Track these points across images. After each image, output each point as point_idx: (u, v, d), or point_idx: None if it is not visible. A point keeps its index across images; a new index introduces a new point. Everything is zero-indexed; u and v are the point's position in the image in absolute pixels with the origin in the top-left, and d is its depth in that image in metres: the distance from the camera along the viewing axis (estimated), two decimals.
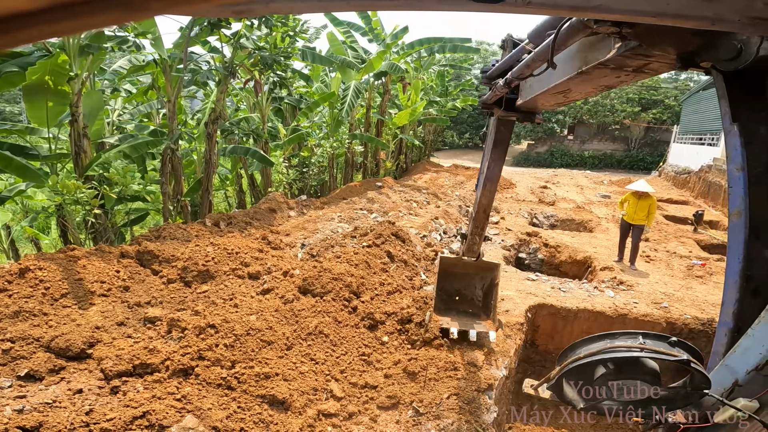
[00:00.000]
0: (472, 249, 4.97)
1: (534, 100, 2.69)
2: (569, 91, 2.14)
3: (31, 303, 4.14)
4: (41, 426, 2.93)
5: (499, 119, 3.53)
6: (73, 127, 6.84)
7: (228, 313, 4.40)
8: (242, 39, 8.89)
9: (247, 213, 8.38)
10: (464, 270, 5.66)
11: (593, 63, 1.61)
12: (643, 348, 1.84)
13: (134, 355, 3.69)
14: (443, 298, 5.63)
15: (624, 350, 1.86)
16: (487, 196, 4.12)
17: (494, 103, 3.31)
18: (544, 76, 2.12)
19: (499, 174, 3.96)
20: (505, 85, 2.57)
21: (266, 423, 3.77)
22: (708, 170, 18.92)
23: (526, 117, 3.26)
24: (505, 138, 3.71)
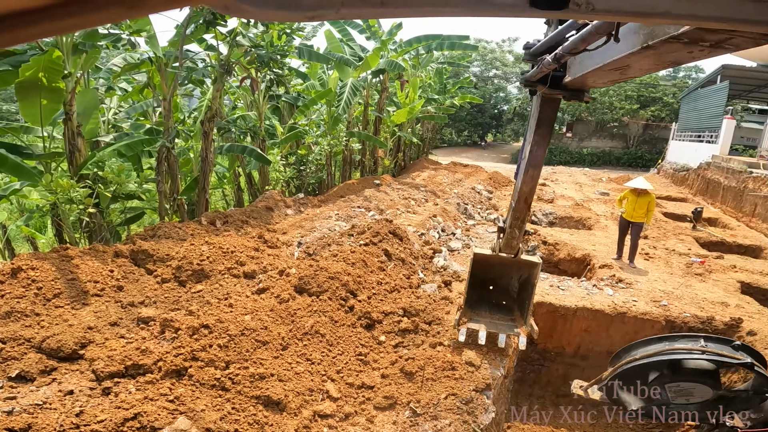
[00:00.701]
0: (511, 244, 4.51)
1: (585, 77, 2.50)
2: (628, 67, 1.98)
3: (23, 303, 4.10)
4: (30, 428, 2.88)
5: (543, 98, 3.28)
6: (67, 125, 6.78)
7: (222, 313, 4.35)
8: (238, 36, 8.82)
9: (244, 211, 8.33)
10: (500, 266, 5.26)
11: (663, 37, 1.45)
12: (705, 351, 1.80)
13: (126, 355, 3.65)
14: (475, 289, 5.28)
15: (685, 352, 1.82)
16: (529, 183, 3.76)
17: (539, 80, 3.06)
18: (598, 52, 1.97)
19: (543, 158, 3.63)
20: (553, 60, 2.39)
21: (261, 424, 3.73)
22: (707, 167, 18.89)
23: (573, 95, 3.01)
24: (550, 118, 3.43)
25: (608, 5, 0.84)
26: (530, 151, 3.59)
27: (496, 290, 5.60)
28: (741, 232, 12.48)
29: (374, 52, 12.50)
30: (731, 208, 15.61)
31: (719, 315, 6.62)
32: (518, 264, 5.01)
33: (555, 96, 3.15)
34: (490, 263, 5.11)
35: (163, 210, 8.46)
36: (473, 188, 14.80)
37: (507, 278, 5.52)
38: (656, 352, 1.90)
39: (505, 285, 5.57)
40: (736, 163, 16.86)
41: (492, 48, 42.10)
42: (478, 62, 40.80)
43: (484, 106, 39.23)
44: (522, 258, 4.79)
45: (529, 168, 3.67)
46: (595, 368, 5.84)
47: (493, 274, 5.46)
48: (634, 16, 0.90)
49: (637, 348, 2.00)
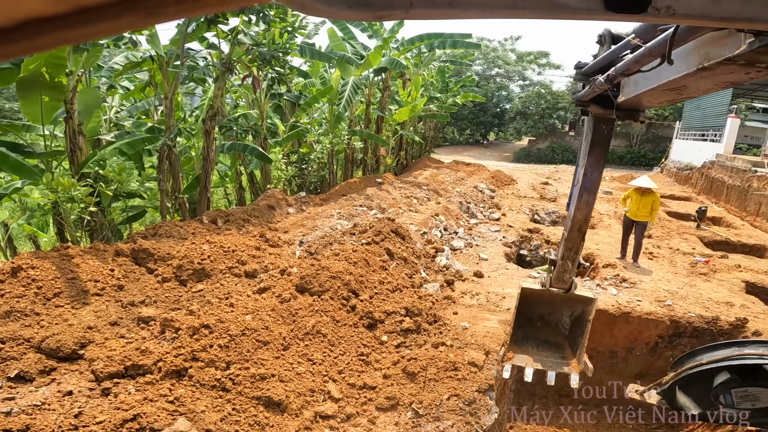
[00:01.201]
0: (563, 278, 4.13)
1: (639, 98, 2.45)
2: (684, 87, 1.95)
3: (23, 303, 4.07)
4: (28, 429, 2.85)
5: (596, 118, 3.19)
6: (68, 124, 6.75)
7: (223, 312, 4.32)
8: (240, 35, 8.79)
9: (245, 210, 8.29)
10: (550, 303, 4.84)
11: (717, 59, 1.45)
12: None
13: (126, 356, 3.61)
14: (521, 324, 4.87)
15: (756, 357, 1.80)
16: (584, 210, 3.47)
17: (591, 100, 3.01)
18: (653, 73, 1.95)
19: (599, 183, 3.40)
20: (606, 81, 2.39)
21: (262, 425, 3.69)
22: (711, 166, 18.78)
23: (628, 115, 2.94)
24: (604, 139, 3.28)
25: (690, 9, 0.81)
26: (584, 175, 3.38)
27: (544, 327, 5.12)
28: (745, 232, 12.39)
29: (376, 51, 12.45)
30: (735, 207, 15.51)
31: (724, 315, 6.56)
32: (570, 300, 4.58)
33: (608, 116, 3.07)
34: (539, 298, 4.70)
35: (165, 209, 8.44)
36: (476, 187, 14.74)
37: (557, 315, 5.03)
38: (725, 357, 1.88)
39: (554, 322, 5.09)
40: (740, 162, 16.76)
41: (494, 46, 41.97)
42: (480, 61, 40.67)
43: (486, 104, 39.13)
44: (575, 293, 4.38)
45: (584, 193, 3.42)
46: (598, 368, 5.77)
47: (541, 310, 4.99)
48: (716, 20, 0.86)
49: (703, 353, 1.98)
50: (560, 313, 4.98)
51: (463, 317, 6.03)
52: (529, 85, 41.91)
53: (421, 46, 15.13)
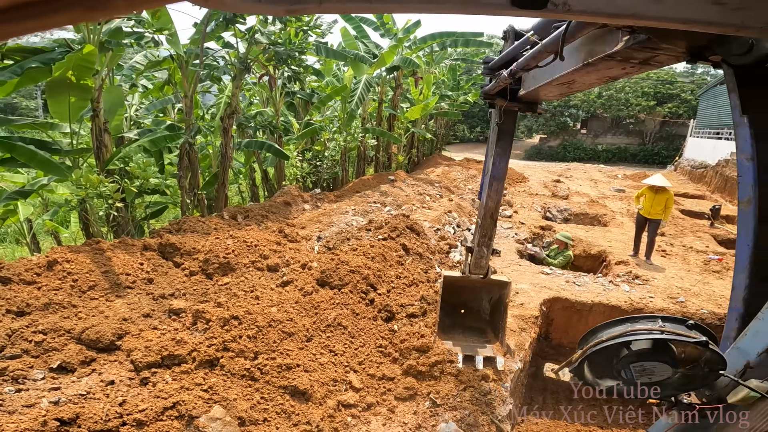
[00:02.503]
0: (480, 264, 4.39)
1: (537, 91, 2.70)
2: (573, 82, 2.15)
3: (60, 295, 4.27)
4: (78, 417, 3.02)
5: (502, 110, 3.46)
6: (94, 122, 6.97)
7: (250, 305, 4.49)
8: (257, 34, 8.95)
9: (263, 206, 8.48)
10: (471, 289, 5.13)
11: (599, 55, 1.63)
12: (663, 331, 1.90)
13: (162, 346, 3.79)
14: (448, 313, 5.18)
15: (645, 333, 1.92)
16: (494, 198, 3.76)
17: (497, 93, 3.25)
18: (548, 68, 2.14)
19: (506, 171, 3.66)
20: (509, 75, 2.58)
21: (288, 413, 3.86)
22: (725, 164, 18.65)
23: (528, 107, 3.22)
24: (510, 129, 3.53)
25: (584, 6, 0.91)
26: (493, 164, 3.63)
27: (468, 314, 5.38)
28: None
29: (390, 50, 12.55)
30: None
31: None
32: (488, 285, 4.86)
33: (512, 108, 3.31)
34: (460, 286, 4.95)
35: (185, 205, 8.65)
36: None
37: (478, 301, 5.33)
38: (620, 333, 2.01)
39: (476, 308, 5.38)
40: None
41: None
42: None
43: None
44: (492, 278, 4.66)
45: (494, 182, 3.69)
46: None
47: (463, 297, 5.27)
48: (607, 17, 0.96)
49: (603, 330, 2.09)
50: (480, 298, 5.26)
51: None
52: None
53: (433, 45, 15.19)
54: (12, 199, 6.75)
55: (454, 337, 5.08)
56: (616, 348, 1.98)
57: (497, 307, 5.14)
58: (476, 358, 4.79)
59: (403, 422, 4.17)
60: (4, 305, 3.97)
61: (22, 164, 7.04)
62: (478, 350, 4.85)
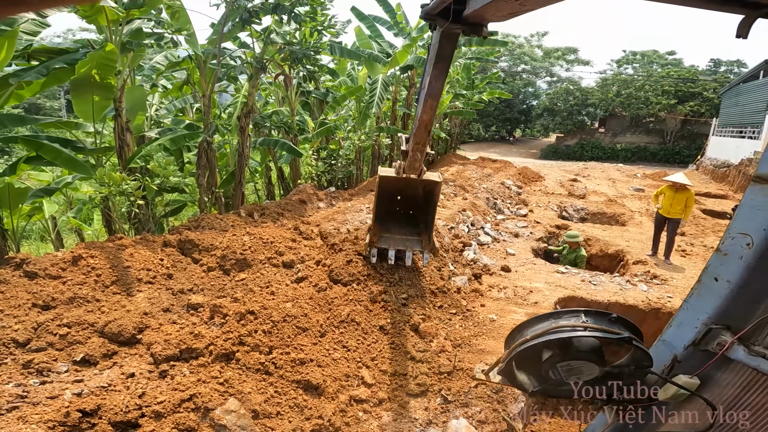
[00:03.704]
0: (414, 166, 4.86)
1: (484, 10, 2.47)
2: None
3: (85, 289, 4.41)
4: (99, 408, 3.13)
5: (442, 32, 3.25)
6: (116, 121, 7.16)
7: (265, 300, 4.58)
8: (272, 34, 9.06)
9: (279, 204, 8.59)
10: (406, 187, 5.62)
11: None
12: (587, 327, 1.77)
13: (181, 340, 3.90)
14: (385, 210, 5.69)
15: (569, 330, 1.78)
16: (428, 112, 3.99)
17: (438, 14, 3.00)
18: None
19: (441, 90, 3.84)
20: None
21: (301, 407, 3.92)
22: (748, 164, 18.21)
23: (472, 29, 2.94)
24: (448, 53, 3.46)
25: None
26: (429, 84, 3.72)
27: (403, 210, 5.95)
28: None
29: (404, 49, 12.57)
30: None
31: None
32: (422, 183, 5.36)
33: (454, 30, 3.09)
34: (397, 184, 5.44)
35: (203, 202, 8.82)
36: (502, 183, 14.71)
37: (411, 197, 5.83)
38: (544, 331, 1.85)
39: (411, 203, 5.90)
40: None
41: (520, 43, 41.36)
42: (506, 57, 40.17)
43: (512, 101, 38.65)
44: (425, 178, 5.15)
45: (428, 98, 3.85)
46: None
47: (399, 194, 5.82)
48: None
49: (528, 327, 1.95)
50: (414, 190, 5.75)
51: (490, 310, 6.16)
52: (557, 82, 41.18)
53: None
54: (38, 196, 6.98)
55: (389, 229, 5.68)
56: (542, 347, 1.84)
57: (428, 202, 5.62)
58: (406, 255, 5.43)
59: (414, 418, 4.20)
60: (31, 299, 4.12)
61: (47, 162, 7.26)
62: (408, 245, 5.48)
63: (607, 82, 36.20)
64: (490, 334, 5.51)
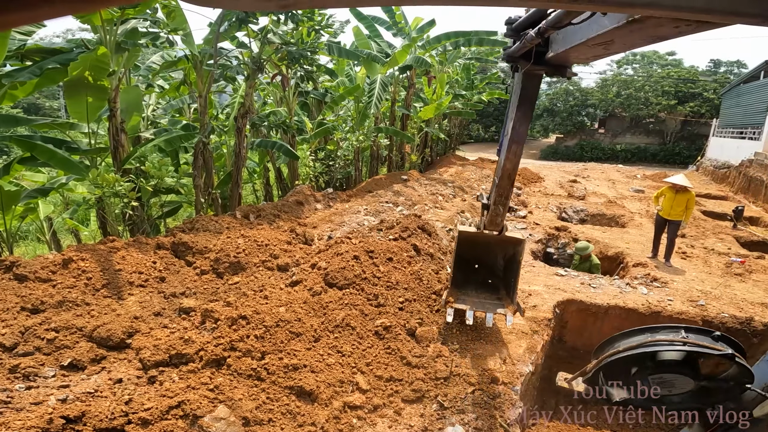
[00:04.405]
0: (495, 221, 4.49)
1: (568, 53, 2.46)
2: (612, 42, 1.93)
3: (75, 293, 4.34)
4: (84, 415, 3.06)
5: (525, 74, 3.22)
6: (111, 122, 7.09)
7: (258, 304, 4.50)
8: (269, 34, 8.99)
9: (276, 206, 8.52)
10: (485, 244, 5.18)
11: None
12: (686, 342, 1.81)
13: (171, 345, 3.83)
14: (461, 268, 5.26)
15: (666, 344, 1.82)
16: (512, 159, 3.75)
17: (521, 56, 2.99)
18: (582, 26, 1.95)
19: (525, 135, 3.64)
20: (537, 35, 2.38)
21: (293, 414, 3.85)
22: (749, 165, 18.13)
23: (556, 70, 2.94)
24: (532, 95, 3.40)
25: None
26: (513, 128, 3.57)
27: (481, 269, 5.51)
28: None
29: (403, 49, 12.50)
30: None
31: (759, 316, 6.40)
32: (503, 241, 4.94)
33: (537, 72, 3.08)
34: (475, 241, 5.06)
35: (199, 204, 8.74)
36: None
37: (492, 256, 5.45)
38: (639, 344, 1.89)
39: (490, 263, 5.49)
40: None
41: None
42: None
43: None
44: (507, 235, 4.76)
45: (512, 144, 3.66)
46: None
47: (478, 252, 5.38)
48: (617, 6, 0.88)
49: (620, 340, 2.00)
50: (495, 254, 5.40)
51: None
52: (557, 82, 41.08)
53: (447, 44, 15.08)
54: (32, 197, 6.91)
55: (467, 292, 5.19)
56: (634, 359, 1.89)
57: (510, 264, 5.18)
58: (487, 317, 4.86)
59: (410, 425, 4.13)
60: (20, 302, 4.05)
61: (42, 163, 7.20)
62: (488, 307, 4.94)
63: (607, 82, 36.14)
64: (487, 338, 5.43)
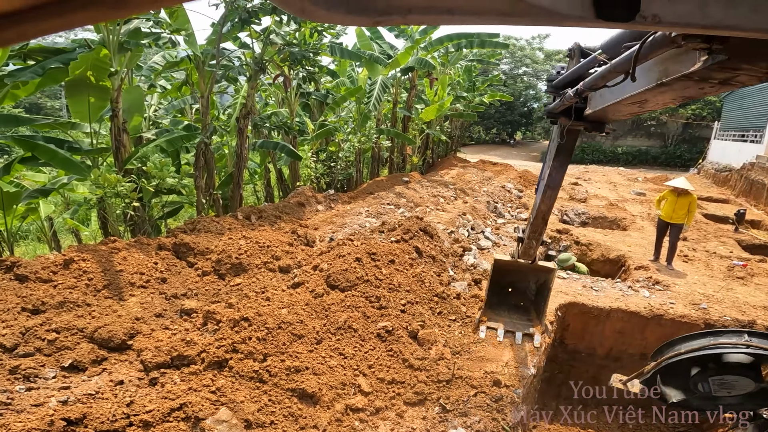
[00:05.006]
0: (529, 252, 5.07)
1: (605, 110, 2.62)
2: (646, 101, 2.06)
3: (75, 294, 4.32)
4: (85, 417, 3.03)
5: (565, 129, 3.44)
6: (113, 122, 7.07)
7: (260, 306, 4.48)
8: (272, 35, 8.98)
9: (277, 207, 8.50)
10: (518, 271, 5.77)
11: (675, 75, 1.54)
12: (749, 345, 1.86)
13: (172, 346, 3.80)
14: (496, 292, 5.80)
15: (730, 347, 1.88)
16: (547, 203, 4.14)
17: (561, 112, 3.21)
18: (618, 87, 2.07)
19: (561, 182, 3.97)
20: (575, 95, 2.53)
21: (295, 416, 3.83)
22: (750, 168, 18.11)
23: (594, 127, 3.14)
24: (570, 147, 3.65)
25: (676, 17, 0.85)
26: (549, 175, 3.86)
27: (514, 293, 6.10)
28: None
29: (405, 51, 12.51)
30: None
31: (761, 319, 6.38)
32: (535, 269, 5.50)
33: (577, 127, 3.28)
34: (509, 268, 5.59)
35: (200, 204, 8.73)
36: (503, 187, 14.62)
37: (525, 282, 6.02)
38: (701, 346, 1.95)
39: (522, 288, 6.06)
40: None
41: (522, 45, 41.32)
42: (507, 60, 40.12)
43: (513, 103, 38.59)
44: (539, 264, 5.31)
45: (548, 190, 3.98)
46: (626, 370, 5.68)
47: (511, 278, 5.97)
48: (701, 28, 0.90)
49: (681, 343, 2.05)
50: (527, 280, 5.99)
51: None
52: None
53: (449, 46, 15.09)
54: (33, 197, 6.90)
55: (499, 313, 5.77)
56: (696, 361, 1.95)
57: (541, 289, 5.80)
58: (516, 335, 5.43)
59: (412, 428, 4.11)
60: (20, 303, 4.03)
61: (43, 163, 7.19)
62: (518, 327, 5.55)
63: None
64: (490, 341, 5.41)
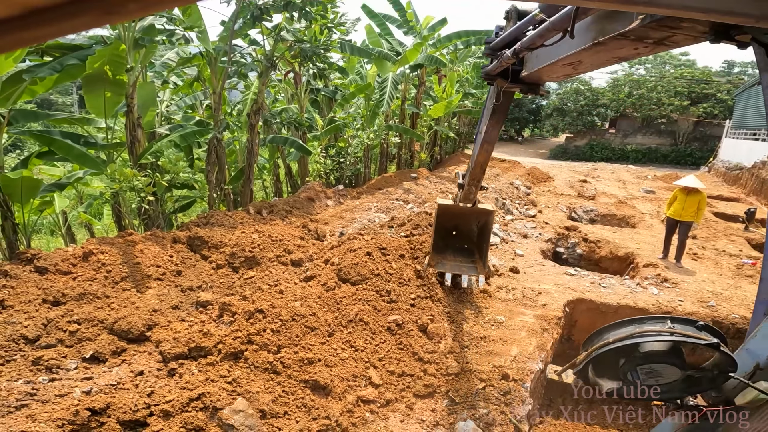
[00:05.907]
0: (469, 197, 5.43)
1: (540, 72, 2.66)
2: (580, 62, 2.08)
3: (95, 286, 4.43)
4: (108, 407, 3.13)
5: (502, 90, 3.53)
6: (128, 117, 7.18)
7: (274, 298, 4.57)
8: (283, 32, 9.05)
9: (287, 201, 8.60)
10: (461, 215, 6.11)
11: (611, 34, 1.53)
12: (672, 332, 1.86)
13: (190, 338, 3.90)
14: (441, 236, 6.12)
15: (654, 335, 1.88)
16: (484, 155, 4.48)
17: (498, 74, 3.25)
18: (553, 48, 2.08)
19: (497, 137, 4.27)
20: (512, 55, 2.55)
21: (308, 407, 3.91)
22: (762, 166, 17.95)
23: (530, 88, 3.22)
24: (505, 107, 3.86)
25: None
26: (486, 131, 4.16)
27: (459, 236, 6.44)
28: None
29: (414, 47, 12.51)
30: None
31: None
32: (476, 212, 5.91)
33: (512, 89, 3.37)
34: (452, 212, 5.97)
35: (212, 199, 8.84)
36: (511, 183, 14.62)
37: (467, 225, 6.37)
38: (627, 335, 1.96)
39: (466, 231, 6.41)
40: None
41: None
42: None
43: (521, 100, 38.39)
44: (479, 207, 5.72)
45: (484, 143, 4.33)
46: None
47: (455, 221, 6.32)
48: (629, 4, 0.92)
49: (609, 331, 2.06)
50: (469, 223, 6.33)
51: (499, 311, 6.11)
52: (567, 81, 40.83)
53: (458, 43, 15.06)
54: (49, 191, 7.03)
55: (445, 256, 6.11)
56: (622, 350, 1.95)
57: (482, 231, 6.16)
58: (462, 279, 5.80)
59: (421, 419, 4.18)
60: (41, 295, 4.14)
61: (59, 158, 7.31)
62: (464, 269, 5.93)
63: (619, 82, 35.82)
64: (498, 335, 5.47)
